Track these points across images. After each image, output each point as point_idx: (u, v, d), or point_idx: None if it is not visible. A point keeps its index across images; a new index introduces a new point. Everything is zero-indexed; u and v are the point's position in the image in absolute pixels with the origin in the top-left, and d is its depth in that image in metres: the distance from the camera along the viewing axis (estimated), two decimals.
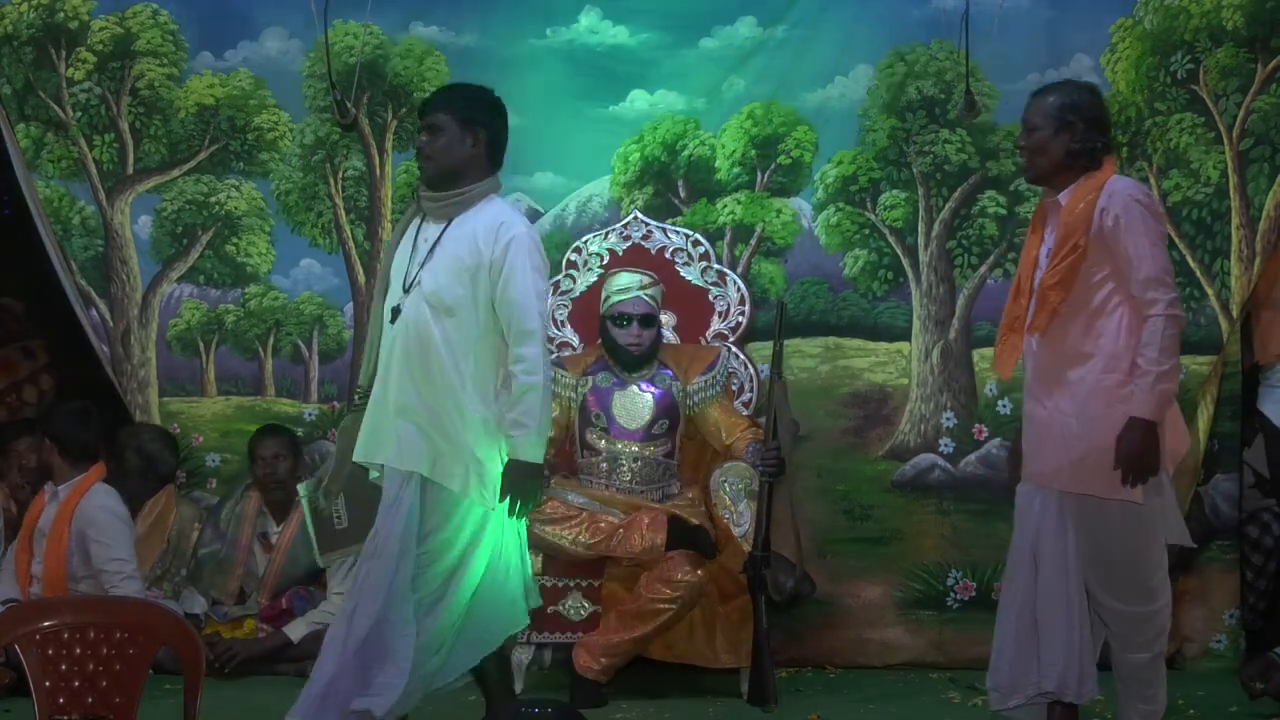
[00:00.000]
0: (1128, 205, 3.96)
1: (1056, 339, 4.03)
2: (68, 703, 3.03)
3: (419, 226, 4.16)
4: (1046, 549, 4.04)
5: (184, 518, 5.81)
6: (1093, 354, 3.98)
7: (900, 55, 5.80)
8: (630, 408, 5.28)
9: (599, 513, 5.09)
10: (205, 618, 5.63)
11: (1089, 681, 4.04)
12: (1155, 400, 3.90)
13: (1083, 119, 4.04)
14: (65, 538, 5.36)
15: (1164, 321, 3.91)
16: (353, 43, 5.85)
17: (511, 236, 4.04)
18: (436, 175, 4.13)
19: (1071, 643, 4.01)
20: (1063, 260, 3.99)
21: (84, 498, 5.40)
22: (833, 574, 5.67)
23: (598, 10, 5.94)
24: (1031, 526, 4.08)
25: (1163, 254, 3.98)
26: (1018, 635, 4.09)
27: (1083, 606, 4.04)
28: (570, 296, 5.64)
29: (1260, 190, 5.54)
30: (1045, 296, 4.02)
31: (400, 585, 4.03)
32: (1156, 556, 4.06)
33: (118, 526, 5.40)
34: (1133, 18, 5.69)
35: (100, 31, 5.97)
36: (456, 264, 4.04)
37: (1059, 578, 4.02)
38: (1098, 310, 3.99)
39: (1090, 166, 4.05)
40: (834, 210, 5.82)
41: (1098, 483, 3.96)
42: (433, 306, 4.03)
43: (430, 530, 4.06)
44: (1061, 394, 4.01)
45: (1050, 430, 4.03)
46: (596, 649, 4.99)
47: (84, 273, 6.01)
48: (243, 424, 5.96)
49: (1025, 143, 4.13)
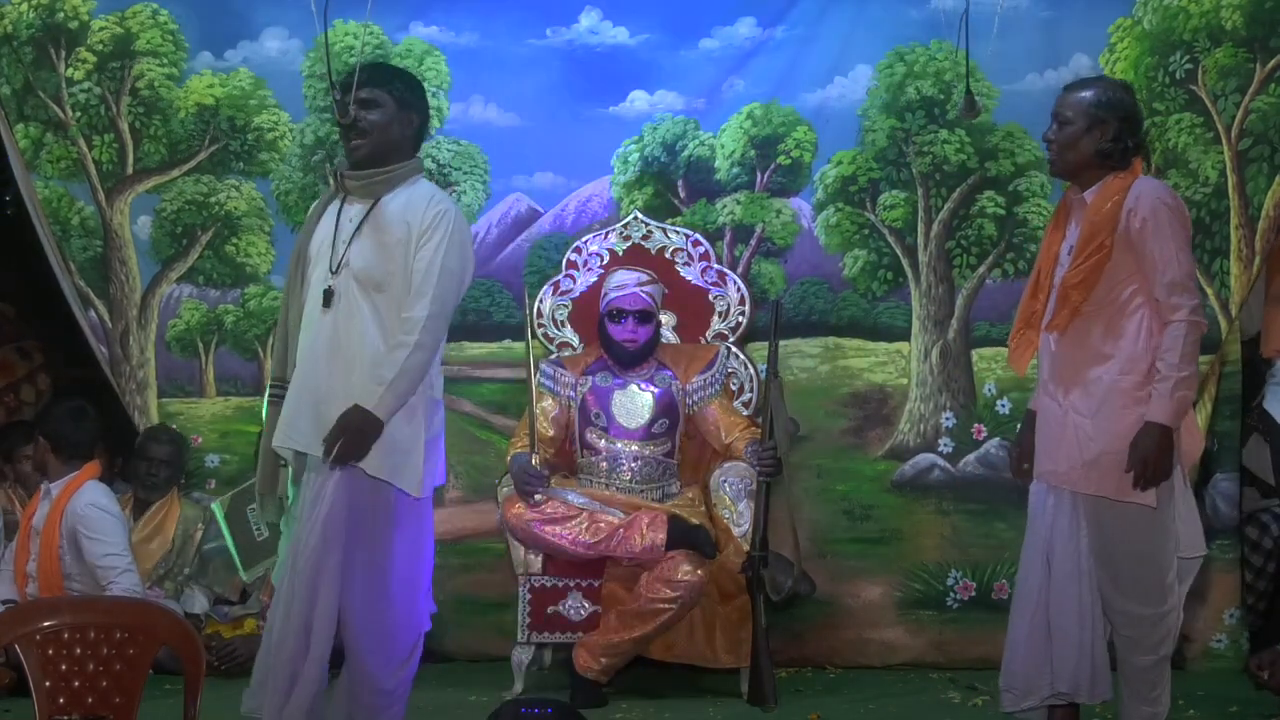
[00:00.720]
0: (1156, 208, 3.92)
1: (1076, 338, 4.00)
2: (68, 703, 3.03)
3: (340, 208, 4.01)
4: (1059, 550, 4.01)
5: (188, 519, 5.81)
6: (1112, 355, 3.95)
7: (900, 55, 5.81)
8: (630, 407, 5.28)
9: (599, 513, 5.09)
10: (206, 618, 5.63)
11: (1101, 683, 4.03)
12: (1174, 406, 3.88)
13: (1116, 117, 3.99)
14: (57, 536, 5.35)
15: (1186, 327, 3.88)
16: (353, 43, 5.85)
17: (442, 210, 3.93)
18: (369, 154, 3.99)
19: (1084, 644, 3.99)
20: (1087, 260, 3.95)
21: (74, 495, 5.39)
22: (833, 574, 5.67)
23: (598, 10, 5.95)
24: (1045, 527, 4.05)
25: (1188, 259, 3.96)
26: (1030, 636, 4.06)
27: (1095, 607, 4.01)
28: (570, 297, 5.64)
29: (1259, 190, 5.55)
30: (1067, 295, 3.99)
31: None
32: (1167, 559, 4.03)
33: (108, 522, 5.37)
34: (1132, 18, 5.69)
35: (100, 31, 5.97)
36: (386, 238, 3.92)
37: (1072, 579, 4.00)
38: (1119, 311, 3.95)
39: (1119, 166, 4.00)
40: (833, 210, 5.82)
41: (1111, 484, 3.94)
42: (361, 283, 3.91)
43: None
44: (1078, 393, 3.98)
45: (1065, 430, 4.00)
46: (596, 649, 5.00)
47: (83, 273, 6.00)
48: (242, 424, 5.96)
49: (1055, 136, 4.05)
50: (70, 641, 3.07)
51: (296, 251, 4.06)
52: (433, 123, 5.94)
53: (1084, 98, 4.01)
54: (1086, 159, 4.01)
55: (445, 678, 5.50)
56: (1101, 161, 4.00)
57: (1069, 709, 4.09)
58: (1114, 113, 3.99)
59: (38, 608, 3.36)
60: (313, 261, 4.01)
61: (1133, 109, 4.06)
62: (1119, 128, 3.98)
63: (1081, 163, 4.03)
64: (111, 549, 5.35)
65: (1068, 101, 4.05)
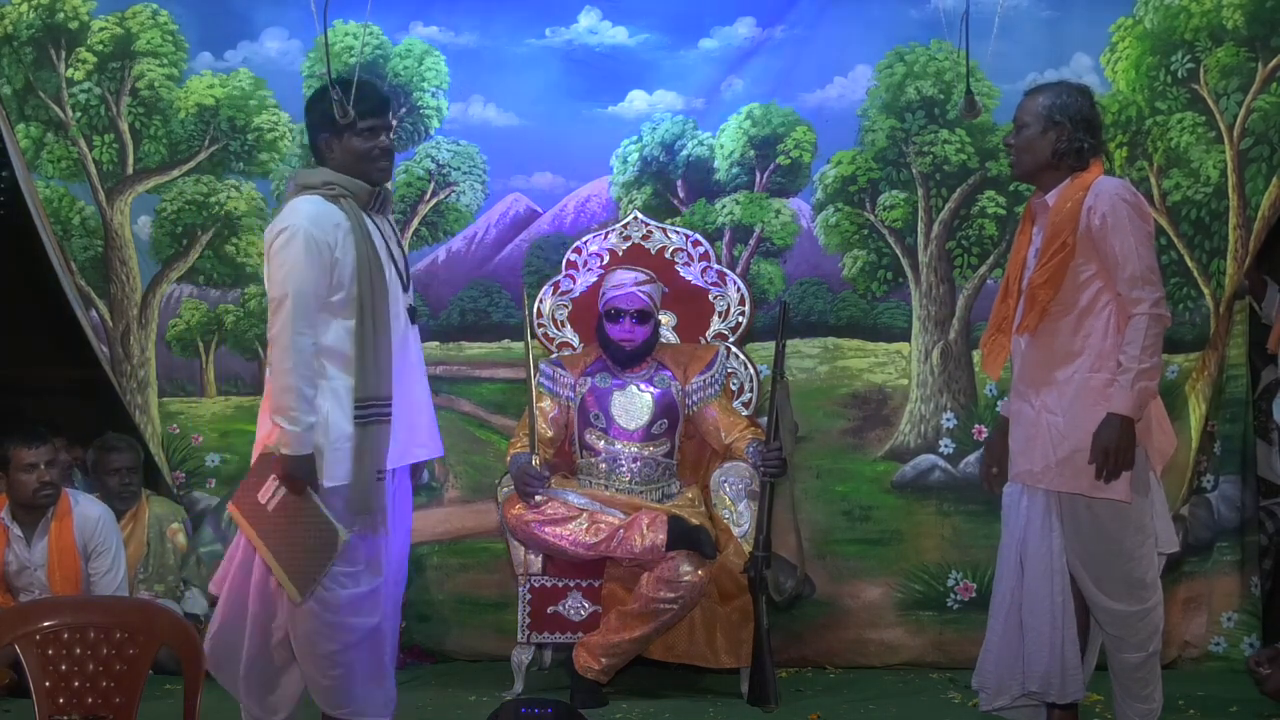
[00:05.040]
0: (1115, 204, 3.98)
1: (1045, 338, 4.05)
2: (68, 703, 3.04)
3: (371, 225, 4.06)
4: (1032, 549, 4.07)
5: (159, 517, 5.81)
6: (1081, 352, 4.00)
7: (899, 55, 5.81)
8: (629, 408, 5.28)
9: (599, 513, 5.09)
10: (205, 618, 5.63)
11: (1073, 682, 4.06)
12: (1134, 398, 3.92)
13: (1070, 119, 4.07)
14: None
15: (1147, 320, 3.93)
16: (352, 43, 5.85)
17: None
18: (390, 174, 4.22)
19: (1055, 643, 4.04)
20: (1051, 259, 4.01)
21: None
22: (833, 575, 5.68)
23: (597, 10, 5.94)
24: (1019, 527, 4.10)
25: (1149, 252, 4.00)
26: (1004, 635, 4.12)
27: (1068, 607, 4.05)
28: (570, 297, 5.64)
29: (1258, 190, 5.55)
30: (1034, 296, 4.04)
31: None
32: (1146, 555, 4.07)
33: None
34: (1133, 17, 5.69)
35: (100, 32, 5.97)
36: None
37: (1044, 578, 4.04)
38: (1086, 309, 4.01)
39: (1077, 166, 4.09)
40: (833, 211, 5.82)
41: (1084, 481, 3.97)
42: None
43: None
44: (1049, 393, 4.03)
45: (1038, 429, 4.05)
46: (596, 649, 5.00)
47: (83, 273, 6.00)
48: (242, 424, 5.95)
49: (1014, 140, 4.18)
50: (70, 641, 3.08)
51: (368, 267, 3.97)
52: (432, 122, 5.96)
53: (1039, 103, 4.12)
54: (1043, 161, 4.11)
55: (445, 678, 5.51)
56: (1058, 163, 4.10)
57: (1067, 709, 4.10)
58: (1067, 115, 4.08)
59: (38, 608, 3.36)
60: (388, 276, 4.04)
61: (1088, 112, 4.13)
62: (1073, 129, 4.07)
63: (1038, 164, 4.13)
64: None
65: (1024, 106, 4.17)
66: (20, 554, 5.39)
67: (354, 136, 4.02)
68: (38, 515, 5.41)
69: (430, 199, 5.96)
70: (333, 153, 4.05)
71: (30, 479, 5.34)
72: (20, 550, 5.39)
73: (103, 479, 5.82)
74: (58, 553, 5.38)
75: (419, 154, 5.96)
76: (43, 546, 5.39)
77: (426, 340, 5.90)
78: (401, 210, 5.94)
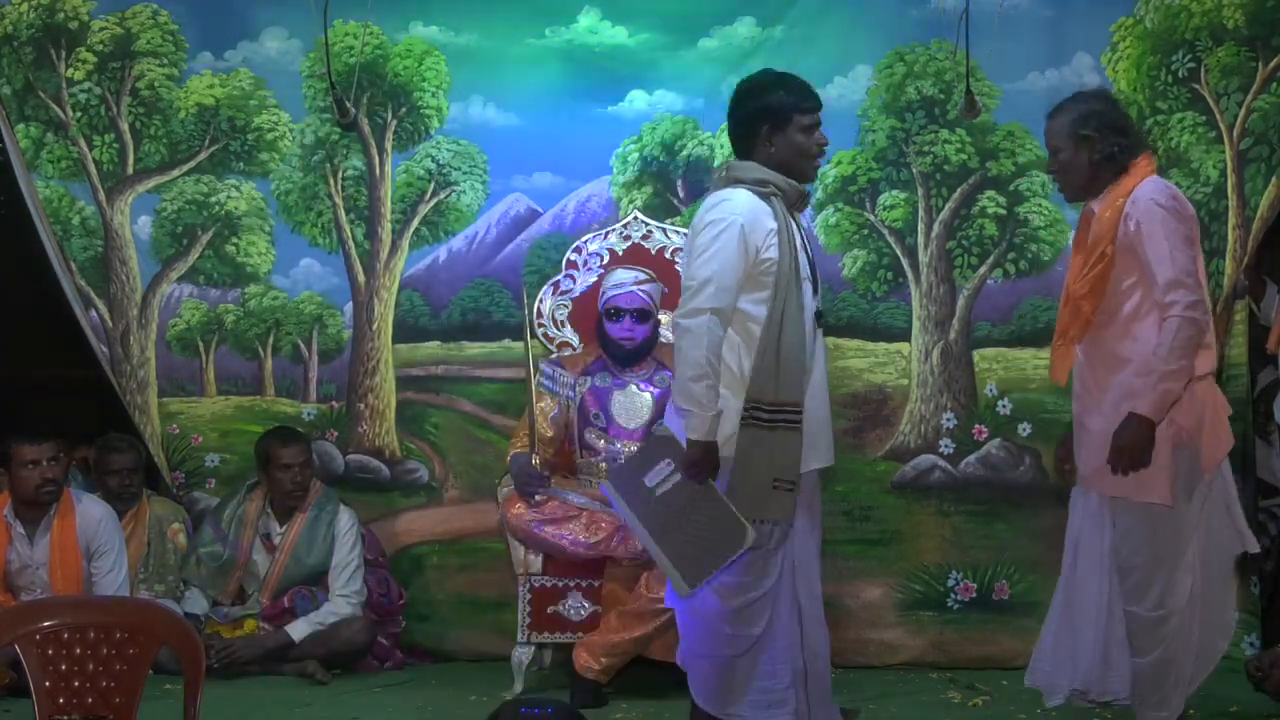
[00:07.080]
0: (1149, 210, 3.97)
1: (1094, 346, 4.09)
2: (68, 703, 3.03)
3: (786, 222, 3.94)
4: (1084, 549, 4.15)
5: (159, 517, 5.80)
6: (1130, 359, 4.01)
7: (900, 55, 5.81)
8: (629, 407, 5.28)
9: (599, 513, 5.09)
10: (205, 618, 5.62)
11: (1114, 681, 4.11)
12: (1156, 399, 3.92)
13: (1096, 129, 4.06)
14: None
15: (1179, 323, 3.91)
16: (352, 43, 5.85)
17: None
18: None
19: (1098, 642, 4.09)
20: (1091, 269, 4.02)
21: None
22: (833, 574, 5.65)
23: (597, 10, 5.94)
24: (1075, 528, 4.19)
25: (1183, 256, 3.97)
26: (1057, 633, 4.20)
27: (1115, 609, 4.10)
28: (570, 296, 5.64)
29: (1257, 190, 5.54)
30: (1078, 307, 4.06)
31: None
32: (1177, 563, 4.07)
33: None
34: (1134, 17, 5.70)
35: (100, 32, 5.97)
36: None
37: (1091, 577, 4.11)
38: (1130, 316, 4.01)
39: (1119, 171, 4.07)
40: (833, 210, 5.82)
41: (1129, 485, 4.00)
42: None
43: None
44: (1103, 399, 4.06)
45: (1088, 433, 4.11)
46: (596, 649, 4.99)
47: (83, 273, 6.00)
48: (242, 424, 5.96)
49: (1054, 167, 4.18)
50: (70, 641, 3.07)
51: (793, 269, 3.92)
52: (432, 122, 5.96)
53: (1063, 122, 4.12)
54: (1088, 176, 4.10)
55: (445, 678, 5.50)
56: (1099, 174, 4.08)
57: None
58: (1092, 125, 4.07)
59: (38, 608, 3.36)
60: (802, 274, 3.97)
61: (1111, 115, 4.13)
62: (1101, 138, 4.06)
63: (1085, 181, 4.12)
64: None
65: (1051, 130, 4.16)
66: (22, 552, 5.39)
67: (797, 131, 3.99)
68: (40, 513, 5.40)
69: (431, 199, 5.96)
70: (771, 146, 3.98)
71: (33, 475, 5.33)
72: (22, 548, 5.39)
73: (103, 479, 5.81)
74: (60, 551, 5.37)
75: (419, 154, 5.96)
76: (45, 545, 5.38)
77: (426, 340, 5.95)
78: (402, 210, 5.94)
